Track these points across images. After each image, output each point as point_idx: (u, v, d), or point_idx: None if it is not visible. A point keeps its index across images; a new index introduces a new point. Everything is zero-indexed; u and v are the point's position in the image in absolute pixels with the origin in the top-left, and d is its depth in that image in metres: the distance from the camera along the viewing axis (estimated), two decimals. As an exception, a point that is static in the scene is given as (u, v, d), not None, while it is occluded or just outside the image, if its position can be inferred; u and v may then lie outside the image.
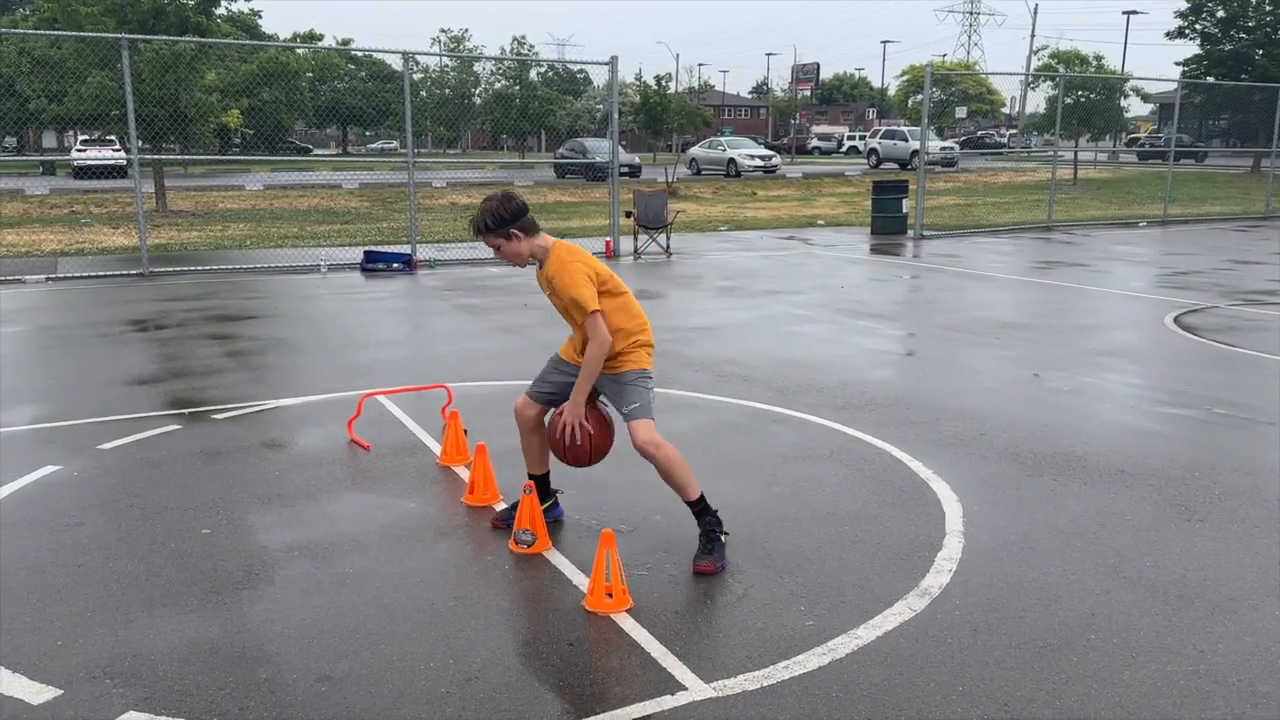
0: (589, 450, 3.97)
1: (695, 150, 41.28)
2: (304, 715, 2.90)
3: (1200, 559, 3.98)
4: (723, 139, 42.66)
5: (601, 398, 4.07)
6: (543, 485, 4.31)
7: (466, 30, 62.66)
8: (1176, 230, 18.66)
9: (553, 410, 4.10)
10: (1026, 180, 33.44)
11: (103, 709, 2.93)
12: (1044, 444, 5.44)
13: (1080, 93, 30.38)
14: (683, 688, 3.04)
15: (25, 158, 45.40)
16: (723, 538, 3.97)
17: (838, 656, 3.22)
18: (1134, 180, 32.28)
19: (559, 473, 4.36)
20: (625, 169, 27.61)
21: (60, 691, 3.02)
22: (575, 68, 69.86)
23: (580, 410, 3.88)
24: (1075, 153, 33.11)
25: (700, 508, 3.97)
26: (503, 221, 3.82)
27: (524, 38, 65.27)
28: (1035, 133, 49.66)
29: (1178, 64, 44.43)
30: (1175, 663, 3.20)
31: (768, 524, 4.32)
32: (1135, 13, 56.46)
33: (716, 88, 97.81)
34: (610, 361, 3.90)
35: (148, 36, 16.28)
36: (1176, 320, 9.21)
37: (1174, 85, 28.47)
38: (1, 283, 11.40)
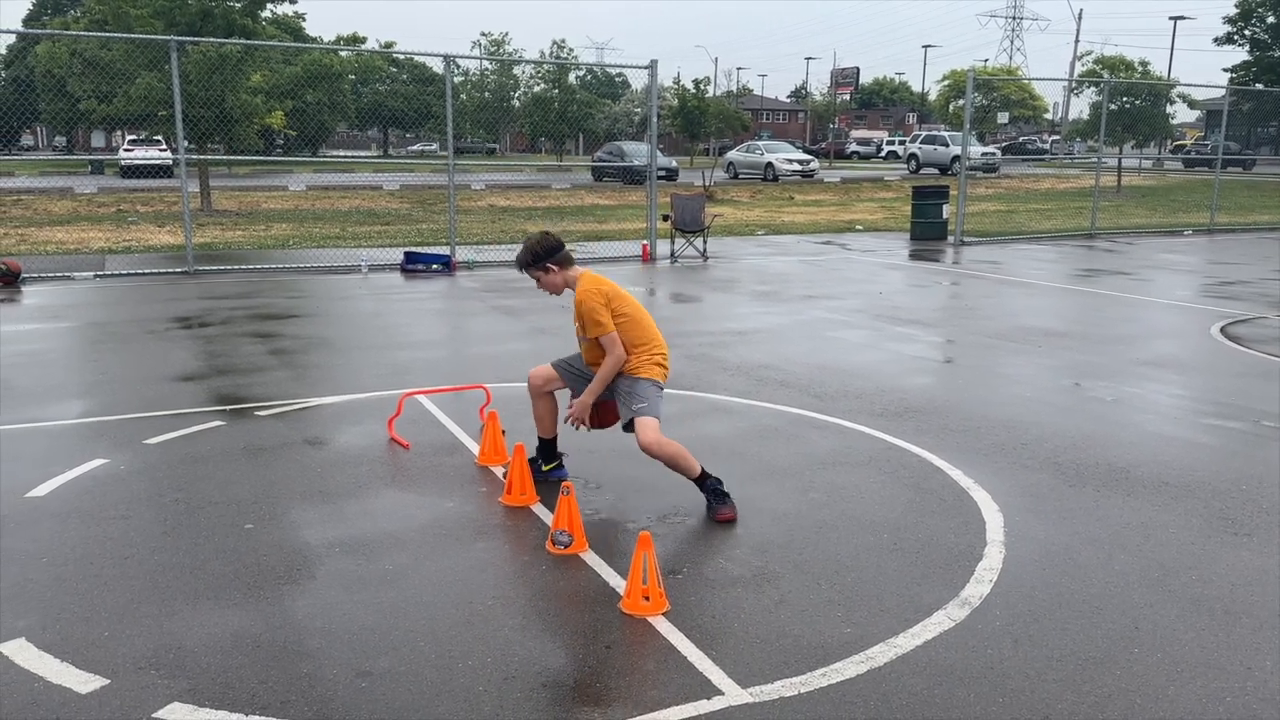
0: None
1: (733, 154, 41.22)
2: (344, 710, 2.94)
3: (1247, 574, 3.91)
4: (760, 143, 42.58)
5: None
6: (549, 448, 4.89)
7: (507, 34, 62.96)
8: (1223, 239, 18.34)
9: (567, 393, 4.77)
10: (1069, 187, 33.03)
11: (148, 699, 2.98)
12: (1086, 454, 5.37)
13: (1125, 99, 29.96)
14: (719, 692, 3.04)
15: (75, 156, 46.34)
16: (723, 489, 4.45)
17: (876, 665, 3.20)
18: (1179, 188, 31.78)
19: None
20: (663, 172, 27.60)
21: (107, 681, 3.07)
22: (614, 71, 70.15)
23: (587, 407, 4.54)
24: (1119, 159, 32.64)
25: (701, 480, 4.45)
26: (538, 258, 4.54)
27: (563, 41, 65.67)
28: (1078, 139, 49.04)
29: (1226, 70, 43.73)
30: (1221, 679, 3.14)
31: (805, 530, 4.31)
32: (1182, 18, 55.55)
33: (755, 92, 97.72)
34: (625, 367, 4.47)
35: (195, 38, 16.55)
36: (1223, 330, 9.05)
37: (1222, 92, 27.97)
38: (51, 279, 11.64)
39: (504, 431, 5.24)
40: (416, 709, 2.95)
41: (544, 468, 4.88)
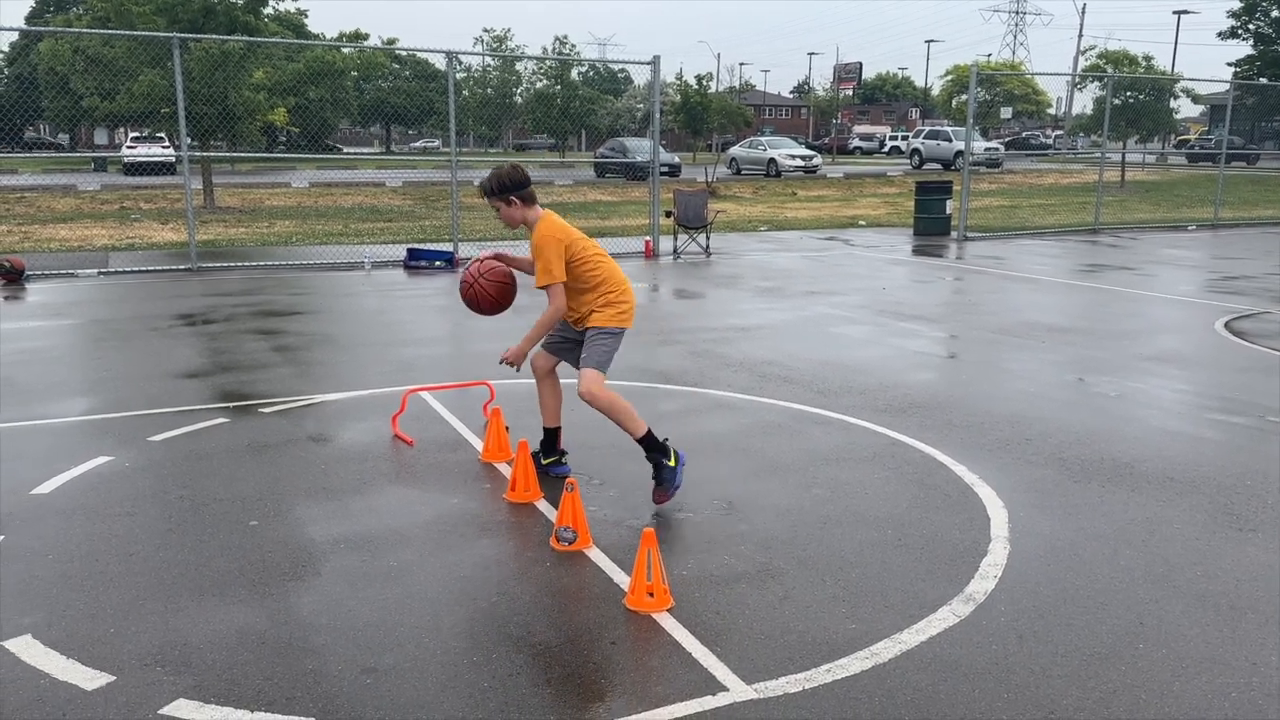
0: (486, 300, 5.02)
1: (735, 150, 41.16)
2: (349, 706, 2.94)
3: (1252, 569, 3.90)
4: (763, 139, 42.51)
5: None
6: (551, 439, 4.86)
7: (509, 30, 62.98)
8: (1227, 234, 18.30)
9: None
10: (1073, 182, 32.98)
11: (153, 696, 2.99)
12: (1090, 450, 5.37)
13: (1129, 93, 29.89)
14: (724, 688, 3.04)
15: (78, 154, 46.42)
16: (671, 462, 4.41)
17: (881, 661, 3.20)
18: (1183, 183, 31.71)
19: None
20: (665, 168, 27.60)
21: (113, 678, 3.08)
22: (616, 67, 69.97)
23: (522, 355, 4.64)
24: (1123, 154, 32.56)
25: (648, 442, 4.42)
26: (504, 188, 4.51)
27: (566, 37, 65.53)
28: (1082, 134, 48.95)
29: (1230, 64, 43.60)
30: (1226, 675, 3.14)
31: (809, 526, 4.30)
32: (1186, 12, 55.39)
33: (757, 87, 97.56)
34: (586, 313, 4.52)
35: (198, 35, 16.54)
36: (1227, 325, 9.04)
37: (1225, 86, 27.92)
38: (55, 276, 11.65)
39: (507, 428, 5.24)
40: (421, 705, 2.95)
41: (543, 461, 4.87)
